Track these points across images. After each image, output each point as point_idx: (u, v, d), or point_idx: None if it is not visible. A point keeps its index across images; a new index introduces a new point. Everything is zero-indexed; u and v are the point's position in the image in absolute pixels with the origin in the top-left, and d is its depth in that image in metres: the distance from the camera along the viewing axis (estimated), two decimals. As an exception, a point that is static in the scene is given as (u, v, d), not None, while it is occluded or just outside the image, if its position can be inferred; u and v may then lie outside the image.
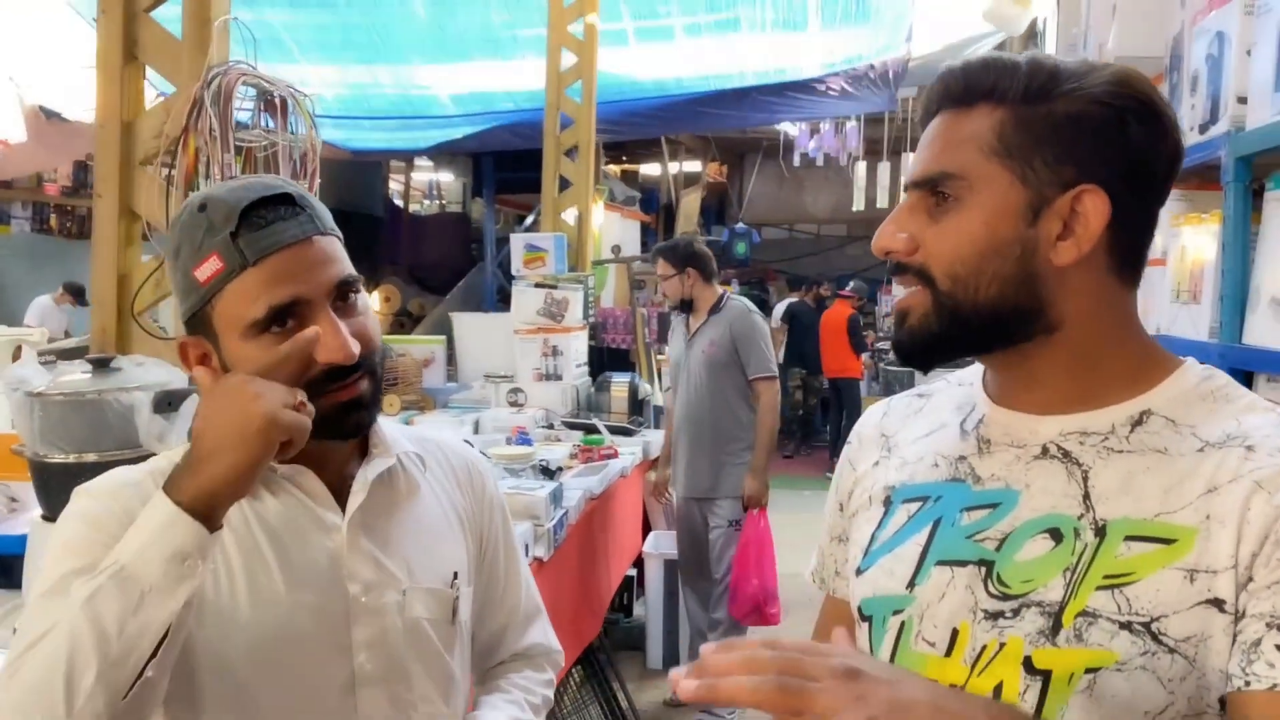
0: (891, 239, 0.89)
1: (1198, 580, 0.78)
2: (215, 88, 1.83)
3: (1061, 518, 0.84)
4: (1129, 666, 0.78)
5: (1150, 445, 0.84)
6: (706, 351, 4.00)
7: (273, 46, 6.21)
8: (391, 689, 1.13)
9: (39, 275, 8.91)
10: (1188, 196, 2.14)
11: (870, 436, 1.06)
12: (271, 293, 1.02)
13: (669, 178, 11.98)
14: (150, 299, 1.96)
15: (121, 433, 1.69)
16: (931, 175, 0.87)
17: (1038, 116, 0.84)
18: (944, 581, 0.88)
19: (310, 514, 1.12)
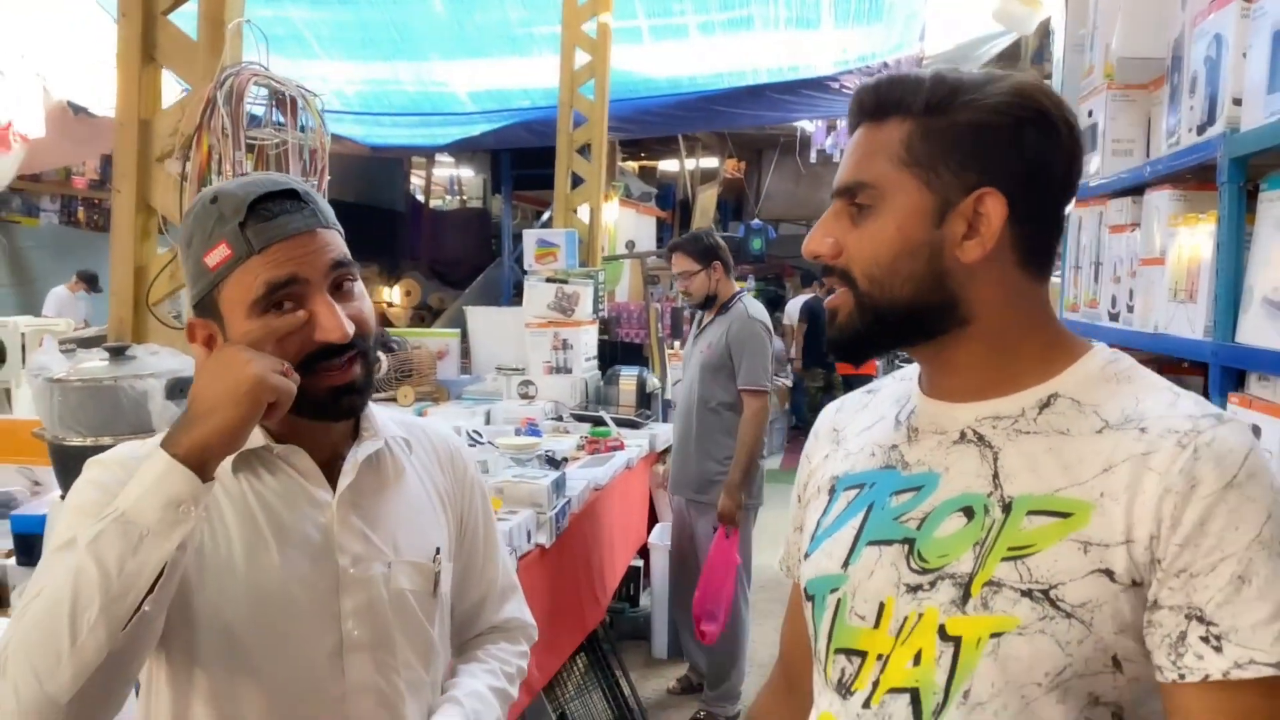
0: (819, 244, 0.97)
1: (1091, 551, 0.84)
2: (228, 88, 1.92)
3: (974, 496, 0.91)
4: (1029, 630, 0.85)
5: (1055, 426, 0.91)
6: (705, 353, 3.86)
7: (294, 43, 6.31)
8: (377, 655, 1.21)
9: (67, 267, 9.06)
10: (1186, 197, 2.18)
11: (824, 432, 1.14)
12: (271, 273, 1.09)
13: (685, 174, 12.02)
14: (165, 290, 2.05)
15: (135, 417, 1.78)
16: (849, 185, 0.95)
17: (940, 127, 0.91)
18: (873, 560, 0.95)
19: (303, 491, 1.20)
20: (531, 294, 4.80)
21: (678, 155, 11.80)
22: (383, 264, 10.43)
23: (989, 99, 0.90)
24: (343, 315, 1.12)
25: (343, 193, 9.00)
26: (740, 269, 13.26)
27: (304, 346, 1.11)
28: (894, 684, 0.91)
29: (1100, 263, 2.69)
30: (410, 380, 4.47)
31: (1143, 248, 2.31)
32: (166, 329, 2.06)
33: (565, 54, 5.69)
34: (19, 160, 5.75)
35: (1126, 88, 2.50)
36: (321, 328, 1.10)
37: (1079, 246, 2.91)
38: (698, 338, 3.96)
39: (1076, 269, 2.96)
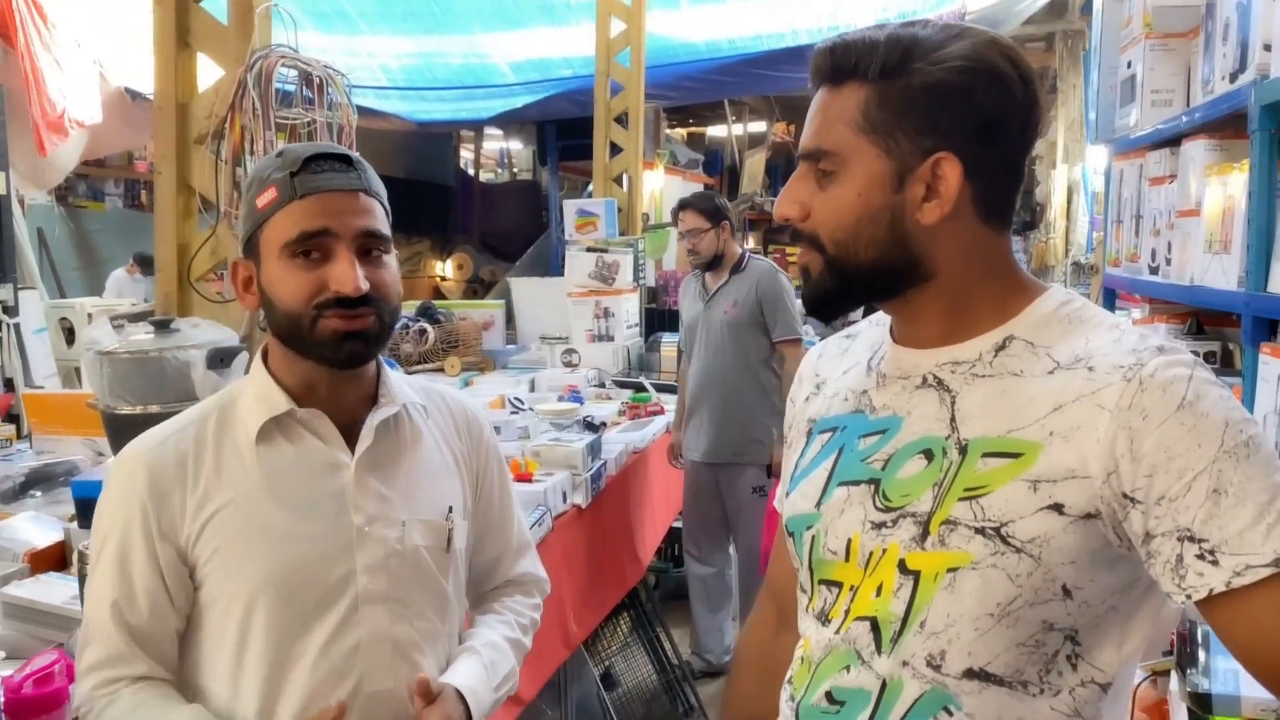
0: (788, 207, 0.99)
1: (1040, 489, 0.89)
2: (257, 70, 1.99)
3: (933, 439, 0.96)
4: (982, 565, 0.90)
5: (1009, 369, 0.95)
6: (729, 313, 3.81)
7: (340, 20, 6.39)
8: (391, 606, 1.29)
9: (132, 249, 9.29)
10: (1222, 146, 2.15)
11: (807, 376, 1.18)
12: (307, 221, 1.20)
13: (733, 139, 11.94)
14: (205, 267, 2.15)
15: (180, 386, 1.88)
16: (811, 151, 0.98)
17: (895, 91, 0.93)
18: (842, 499, 1.01)
19: (323, 454, 1.28)
20: (572, 264, 4.86)
21: (725, 121, 11.71)
22: (435, 239, 10.54)
23: (942, 62, 0.92)
24: (359, 272, 1.20)
25: (394, 169, 9.11)
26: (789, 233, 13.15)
27: (318, 293, 1.20)
28: (860, 613, 0.97)
29: (1141, 216, 2.66)
30: (457, 351, 4.57)
31: (1180, 199, 2.29)
32: (209, 303, 2.15)
33: (600, 22, 5.70)
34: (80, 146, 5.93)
35: (1165, 36, 2.47)
36: (335, 279, 1.20)
37: (1120, 200, 2.88)
38: (711, 301, 3.87)
39: (1118, 223, 2.92)
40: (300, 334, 1.22)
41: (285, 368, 1.28)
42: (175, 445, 1.26)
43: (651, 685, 3.54)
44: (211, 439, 1.27)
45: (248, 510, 1.24)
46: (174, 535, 1.24)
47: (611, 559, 3.20)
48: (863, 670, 0.96)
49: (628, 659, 3.52)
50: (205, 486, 1.24)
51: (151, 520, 1.23)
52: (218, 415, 1.29)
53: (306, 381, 1.27)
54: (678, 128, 12.19)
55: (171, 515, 1.23)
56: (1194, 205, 2.18)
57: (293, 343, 1.24)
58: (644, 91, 5.87)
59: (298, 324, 1.22)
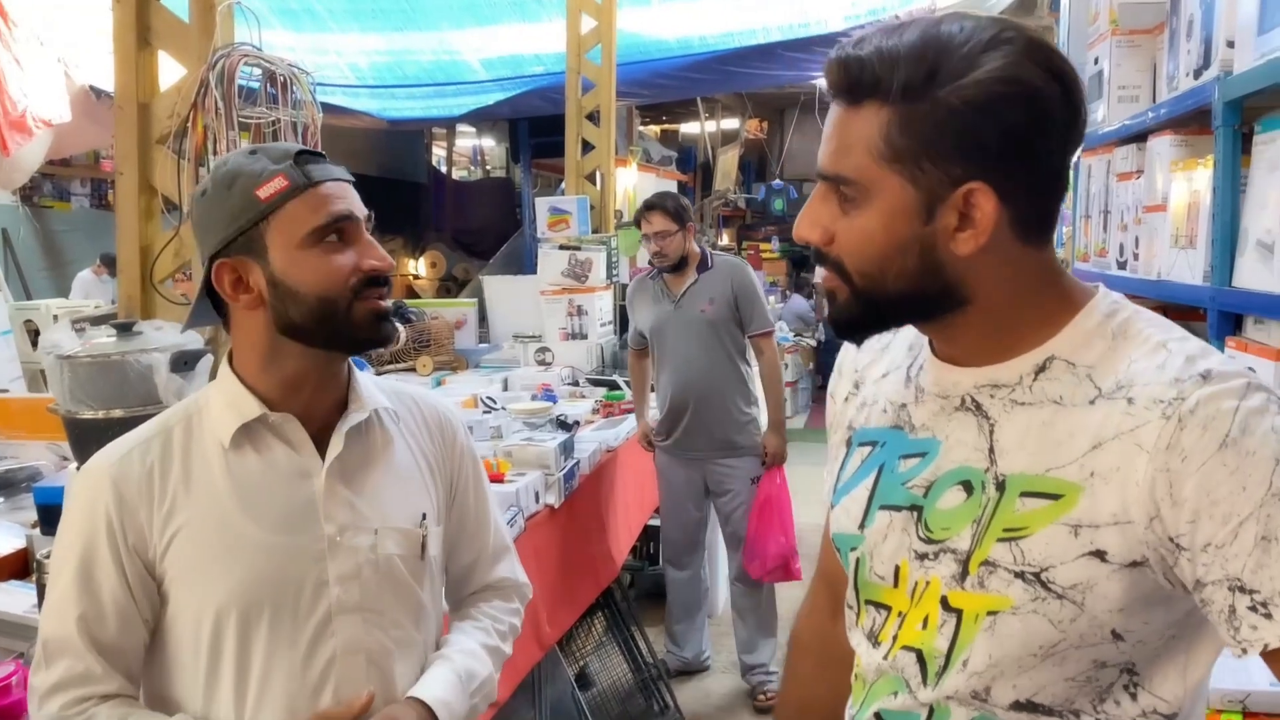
0: (809, 230, 0.92)
1: (1082, 534, 0.84)
2: (219, 69, 1.96)
3: (972, 471, 0.90)
4: (1022, 611, 0.86)
5: (1049, 395, 0.88)
6: (705, 311, 3.76)
7: (308, 17, 6.33)
8: (366, 616, 1.27)
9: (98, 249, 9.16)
10: (1187, 142, 2.17)
11: (846, 369, 1.12)
12: (332, 206, 1.21)
13: (706, 136, 11.95)
14: (169, 269, 2.12)
15: (143, 390, 1.85)
16: (830, 176, 0.90)
17: (920, 115, 0.84)
18: (885, 524, 0.96)
19: (292, 462, 1.26)
20: (545, 261, 4.85)
21: (698, 118, 11.72)
22: (407, 237, 10.48)
23: (970, 82, 0.83)
24: (383, 251, 1.25)
25: (365, 166, 9.04)
26: (764, 230, 13.22)
27: (354, 274, 1.22)
28: (906, 642, 0.94)
29: (1109, 211, 2.68)
30: (428, 350, 4.53)
31: (1146, 195, 2.31)
32: (173, 305, 2.12)
33: (571, 19, 5.68)
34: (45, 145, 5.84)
35: (1131, 33, 2.49)
36: (368, 257, 1.23)
37: (1089, 195, 2.90)
38: (682, 301, 3.79)
39: (1087, 218, 2.95)
40: (335, 319, 1.21)
41: (263, 371, 1.25)
42: (141, 457, 1.23)
43: (627, 684, 3.54)
44: (179, 449, 1.24)
45: (217, 522, 1.22)
46: (142, 549, 1.21)
47: (585, 559, 3.19)
48: (909, 698, 0.94)
49: (603, 658, 3.52)
50: (173, 499, 1.22)
51: (118, 534, 1.20)
52: (184, 424, 1.26)
53: (291, 382, 1.25)
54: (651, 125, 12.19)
55: (139, 529, 1.21)
56: (1160, 200, 2.20)
57: (322, 330, 1.22)
58: (616, 89, 5.85)
59: (333, 309, 1.21)
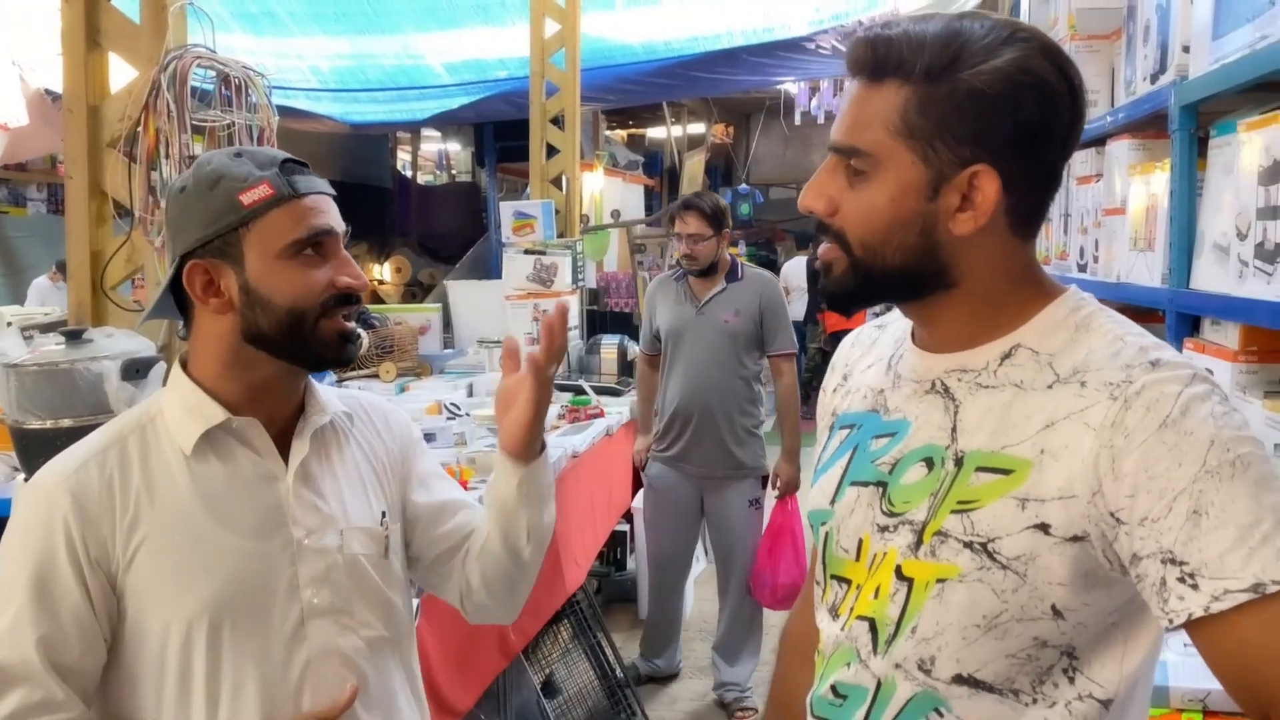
0: (815, 199, 0.96)
1: (1028, 507, 0.88)
2: (172, 71, 1.92)
3: (934, 448, 0.96)
4: (969, 579, 0.90)
5: (1011, 379, 0.93)
6: (729, 322, 3.62)
7: (268, 20, 6.27)
8: (337, 618, 1.26)
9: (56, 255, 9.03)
10: (1145, 146, 2.19)
11: (839, 365, 1.18)
12: (314, 219, 1.21)
13: (672, 141, 11.97)
14: (121, 274, 2.07)
15: (93, 399, 1.80)
16: (844, 147, 0.94)
17: (939, 97, 0.89)
18: (853, 499, 1.02)
19: (257, 466, 1.24)
20: (510, 266, 4.82)
21: (664, 122, 11.74)
22: (371, 241, 10.39)
23: (990, 70, 0.88)
24: (358, 269, 1.25)
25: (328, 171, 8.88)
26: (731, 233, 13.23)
27: (327, 289, 1.21)
28: (861, 612, 0.99)
29: (1069, 214, 2.70)
30: (391, 356, 4.48)
31: (1105, 198, 2.33)
32: (125, 311, 2.08)
33: (535, 23, 5.66)
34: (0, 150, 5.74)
35: (1089, 38, 2.51)
36: (342, 274, 1.22)
37: (1049, 199, 2.93)
38: (705, 308, 3.65)
39: (1048, 221, 2.97)
40: (301, 333, 1.21)
41: (224, 376, 1.23)
42: (99, 467, 1.19)
43: (593, 691, 3.51)
44: (137, 458, 1.21)
45: (185, 531, 1.19)
46: (105, 563, 1.17)
47: (551, 566, 3.16)
48: (861, 668, 0.98)
49: (569, 665, 3.49)
50: (136, 510, 1.18)
51: (79, 549, 1.15)
52: (138, 433, 1.23)
53: (255, 389, 1.24)
54: (617, 129, 12.20)
55: (102, 541, 1.17)
56: (1119, 204, 2.22)
57: (287, 343, 1.21)
58: (581, 93, 5.84)
59: (301, 323, 1.20)
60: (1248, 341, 1.55)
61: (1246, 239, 1.46)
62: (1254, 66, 1.42)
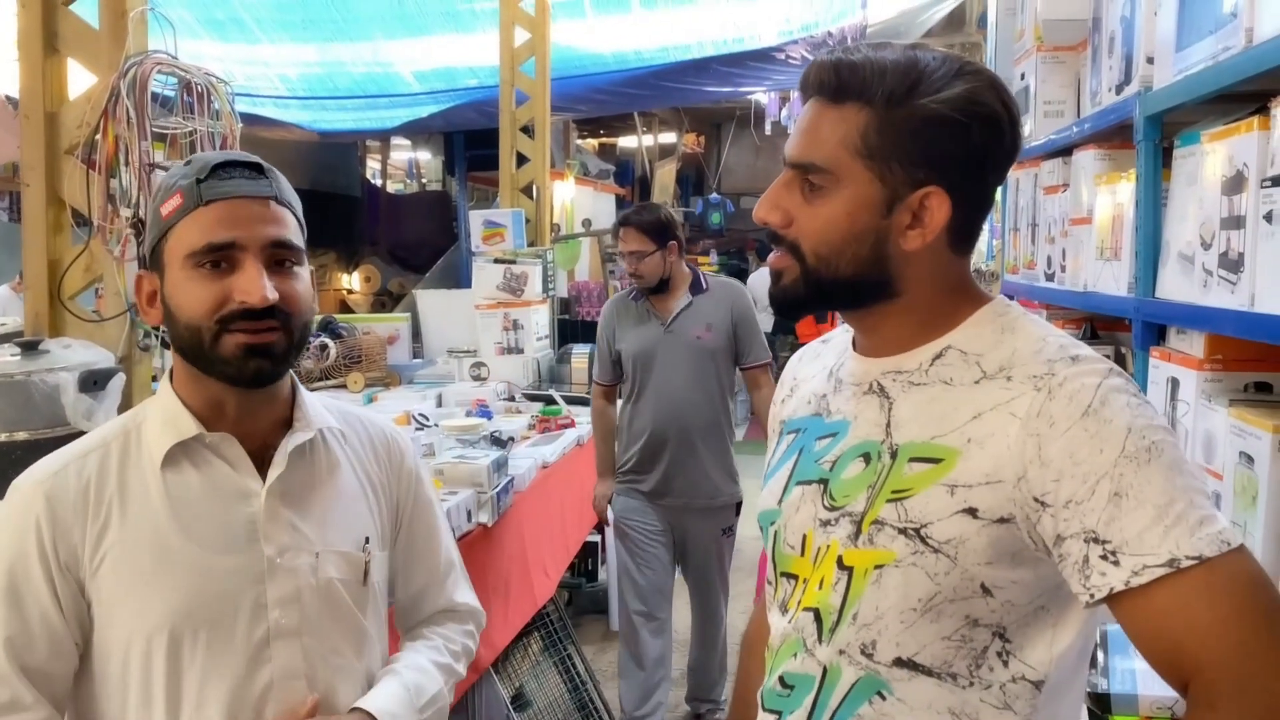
0: (769, 212, 1.02)
1: (957, 493, 0.94)
2: (131, 77, 1.89)
3: (871, 444, 1.01)
4: (904, 564, 0.95)
5: (941, 377, 1.00)
6: (702, 338, 3.36)
7: (235, 27, 6.21)
8: (304, 642, 1.23)
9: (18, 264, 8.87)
10: (1110, 156, 2.21)
11: (787, 378, 1.24)
12: (214, 231, 1.14)
13: (643, 150, 11.98)
14: (79, 284, 2.03)
15: (49, 411, 1.76)
16: (802, 163, 1.00)
17: (897, 121, 0.96)
18: (798, 498, 1.07)
19: (232, 481, 1.21)
20: (480, 275, 4.79)
21: (635, 132, 11.75)
22: (340, 251, 10.31)
23: (945, 99, 0.95)
24: (266, 282, 1.14)
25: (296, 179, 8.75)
26: (702, 243, 13.27)
27: (222, 305, 1.14)
28: (806, 604, 1.03)
29: (1036, 224, 2.72)
30: (360, 366, 4.44)
31: (1072, 208, 2.34)
32: (83, 322, 2.03)
33: (504, 32, 5.65)
34: (-42, 157, 5.63)
35: (1055, 50, 2.53)
36: (241, 289, 1.13)
37: (1017, 208, 2.94)
38: (674, 325, 3.39)
39: (1016, 231, 2.99)
40: (202, 349, 1.16)
41: (191, 388, 1.21)
42: (77, 472, 1.19)
43: (564, 704, 3.48)
44: (116, 465, 1.20)
45: (152, 542, 1.17)
46: (74, 568, 1.16)
47: (521, 578, 3.14)
48: (807, 658, 1.03)
49: (539, 678, 3.46)
50: (106, 516, 1.17)
51: (50, 552, 1.15)
52: (122, 440, 1.22)
53: (214, 403, 1.21)
54: (589, 138, 12.20)
55: (72, 547, 1.16)
56: (1085, 213, 2.23)
57: (195, 359, 1.18)
58: (552, 103, 5.82)
59: (199, 338, 1.15)
60: (1212, 350, 1.56)
61: (1210, 248, 1.47)
62: (1216, 77, 1.44)
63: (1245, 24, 1.33)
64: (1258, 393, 1.51)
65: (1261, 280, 1.29)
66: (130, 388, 1.91)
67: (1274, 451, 1.30)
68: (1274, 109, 1.28)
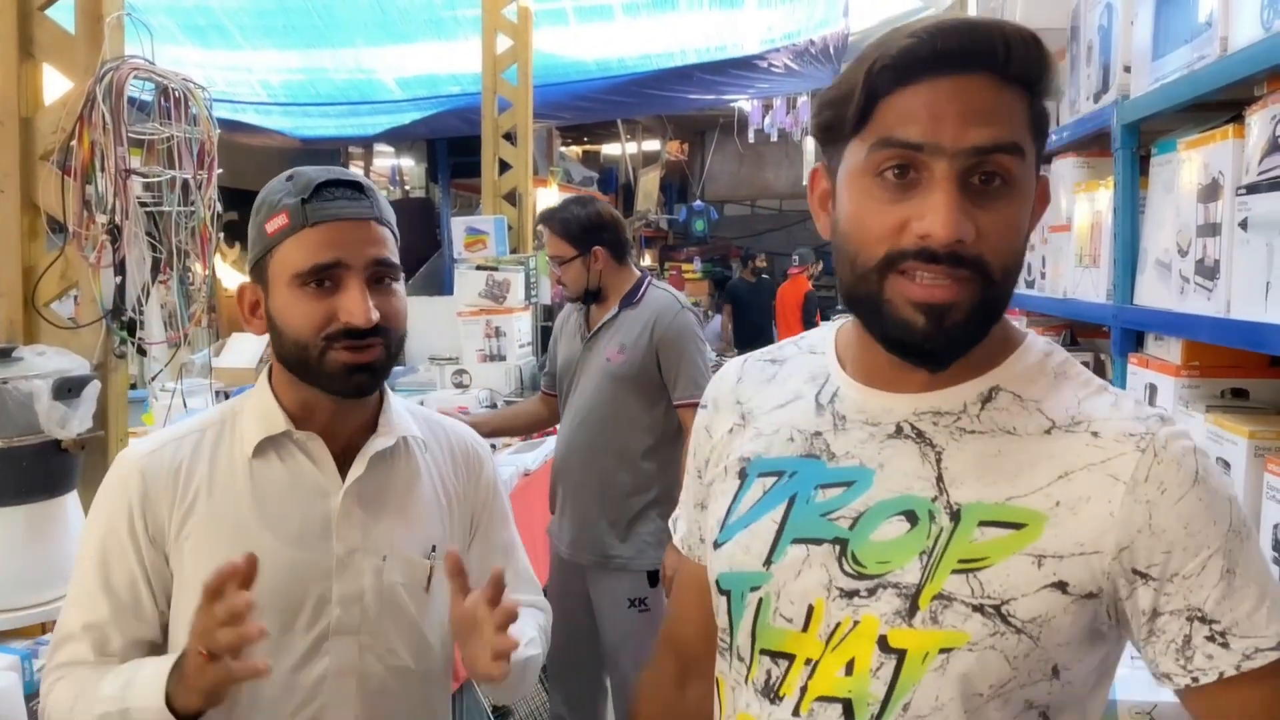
0: (962, 227, 0.80)
1: (1045, 565, 0.82)
2: (107, 83, 1.88)
3: (916, 499, 0.86)
4: (979, 646, 0.82)
5: (1000, 425, 0.86)
6: (612, 360, 2.79)
7: (216, 33, 6.17)
8: (362, 640, 1.28)
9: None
10: (1089, 164, 2.23)
11: (725, 402, 1.04)
12: (319, 252, 1.20)
13: (627, 157, 12.00)
14: (54, 291, 2.02)
15: (23, 419, 1.75)
16: (1003, 143, 0.80)
17: (1042, 113, 0.85)
18: (800, 559, 0.89)
19: (313, 479, 1.28)
20: (462, 282, 4.79)
21: (619, 139, 11.76)
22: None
23: (1054, 92, 0.85)
24: (370, 303, 1.19)
25: (277, 187, 8.82)
26: (686, 250, 13.29)
27: (328, 324, 1.20)
28: (824, 692, 0.87)
29: (1015, 232, 2.74)
30: (342, 373, 4.41)
31: (1051, 215, 2.36)
32: (58, 329, 2.02)
33: (486, 39, 5.65)
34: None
35: (1034, 58, 2.55)
36: (346, 310, 1.19)
37: (997, 216, 2.96)
38: (591, 341, 2.88)
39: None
40: (308, 363, 1.22)
41: (288, 390, 1.28)
42: (173, 453, 1.27)
43: (546, 714, 3.47)
44: (209, 450, 1.28)
45: (233, 526, 1.24)
46: (161, 541, 1.24)
47: (502, 585, 3.10)
48: None
49: (522, 687, 3.44)
50: (194, 498, 1.25)
51: (139, 524, 1.23)
52: (218, 427, 1.30)
53: (308, 405, 1.27)
54: (572, 145, 12.20)
55: (160, 521, 1.24)
56: (1065, 221, 2.25)
57: (300, 371, 1.24)
58: (535, 110, 5.83)
59: (306, 354, 1.21)
60: (1189, 356, 1.57)
61: (1187, 255, 1.48)
62: (1192, 86, 1.45)
63: (1220, 33, 1.34)
64: (1234, 399, 1.53)
65: (1237, 287, 1.30)
66: (106, 395, 1.89)
67: (1250, 457, 1.31)
68: (1248, 117, 1.29)
